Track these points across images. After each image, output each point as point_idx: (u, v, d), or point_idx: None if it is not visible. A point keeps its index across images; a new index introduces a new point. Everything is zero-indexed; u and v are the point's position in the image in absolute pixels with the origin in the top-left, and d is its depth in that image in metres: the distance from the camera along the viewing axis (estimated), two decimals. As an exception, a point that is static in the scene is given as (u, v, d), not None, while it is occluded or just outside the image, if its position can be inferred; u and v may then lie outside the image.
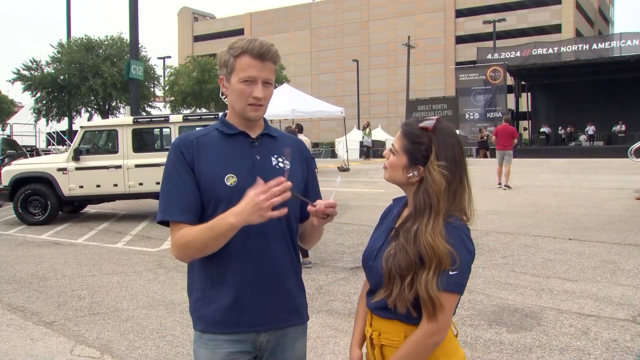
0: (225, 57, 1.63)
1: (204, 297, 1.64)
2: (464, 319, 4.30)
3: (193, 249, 1.55)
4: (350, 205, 10.75)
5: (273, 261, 1.64)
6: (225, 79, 1.65)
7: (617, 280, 5.25)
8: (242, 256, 1.60)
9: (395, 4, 57.52)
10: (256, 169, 1.62)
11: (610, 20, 68.74)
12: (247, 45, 1.59)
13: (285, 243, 1.68)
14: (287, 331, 1.69)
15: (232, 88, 1.63)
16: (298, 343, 1.73)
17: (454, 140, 1.57)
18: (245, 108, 1.63)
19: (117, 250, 7.63)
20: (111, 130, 10.21)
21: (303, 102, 20.61)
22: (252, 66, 1.59)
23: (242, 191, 1.54)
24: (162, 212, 1.61)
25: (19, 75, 26.73)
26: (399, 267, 1.49)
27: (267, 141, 1.71)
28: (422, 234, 1.47)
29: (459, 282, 1.47)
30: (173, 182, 1.61)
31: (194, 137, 1.67)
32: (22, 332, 4.40)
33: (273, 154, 1.69)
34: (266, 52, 1.60)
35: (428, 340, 1.48)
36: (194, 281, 1.68)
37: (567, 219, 8.49)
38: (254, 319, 1.62)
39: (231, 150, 1.65)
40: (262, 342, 1.65)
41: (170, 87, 33.95)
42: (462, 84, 31.08)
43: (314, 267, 6.14)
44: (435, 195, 1.50)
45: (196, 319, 1.67)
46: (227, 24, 68.01)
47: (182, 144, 1.65)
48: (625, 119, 27.81)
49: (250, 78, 1.60)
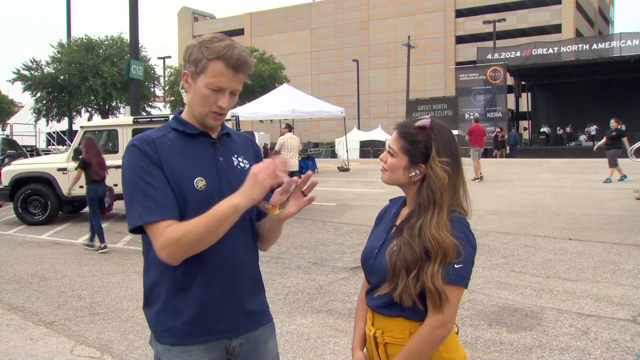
0: (198, 56, 1.52)
1: (168, 308, 1.55)
2: (464, 319, 4.30)
3: (187, 244, 1.43)
4: (350, 205, 10.75)
5: (237, 264, 1.59)
6: (191, 76, 1.55)
7: (617, 280, 5.25)
8: (205, 261, 1.53)
9: (395, 4, 57.51)
10: (221, 171, 1.58)
11: (610, 20, 68.73)
12: (223, 51, 1.49)
13: (247, 245, 1.63)
14: (256, 333, 1.66)
15: (196, 89, 1.54)
16: (270, 343, 1.71)
17: (450, 136, 1.62)
18: (208, 115, 1.55)
19: (117, 250, 7.63)
20: (111, 130, 10.21)
21: (303, 102, 20.63)
22: (224, 75, 1.50)
23: (211, 195, 1.51)
24: (141, 214, 1.46)
25: (19, 75, 26.76)
26: (405, 261, 1.51)
27: (226, 141, 1.65)
28: (427, 229, 1.51)
29: (464, 275, 1.50)
30: (146, 182, 1.48)
31: (154, 137, 1.55)
32: (22, 332, 4.40)
33: (233, 154, 1.64)
34: (242, 64, 1.52)
35: (434, 334, 1.50)
36: (154, 291, 1.59)
37: (567, 219, 8.49)
38: (225, 325, 1.58)
39: (194, 152, 1.56)
40: (235, 347, 1.62)
41: (170, 87, 33.98)
42: (462, 84, 31.08)
43: (314, 267, 6.13)
44: (438, 191, 1.54)
45: (162, 332, 1.57)
46: (227, 24, 67.98)
47: (143, 144, 1.52)
48: (625, 119, 27.76)
49: (220, 87, 1.52)
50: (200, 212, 1.46)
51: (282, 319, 4.40)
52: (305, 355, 3.75)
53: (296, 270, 5.97)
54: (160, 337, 1.58)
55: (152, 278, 1.59)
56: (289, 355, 3.71)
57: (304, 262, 6.37)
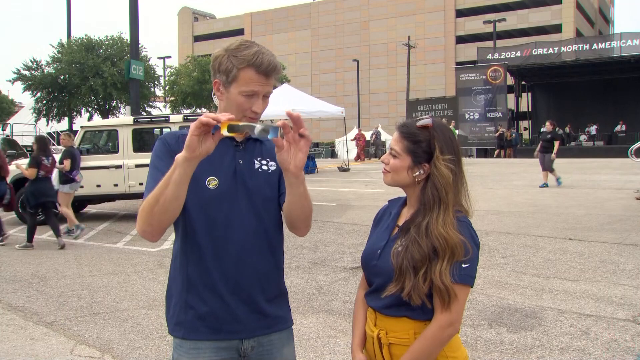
0: (228, 65, 1.56)
1: (181, 302, 1.60)
2: (464, 319, 4.30)
3: (147, 211, 1.44)
4: (351, 205, 10.75)
5: (244, 266, 1.59)
6: (223, 85, 1.59)
7: (617, 280, 5.25)
8: (209, 261, 1.56)
9: (396, 4, 57.50)
10: (239, 173, 1.60)
11: (610, 20, 68.71)
12: (253, 59, 1.53)
13: (260, 250, 1.62)
14: (271, 337, 1.65)
15: (230, 97, 1.58)
16: (285, 349, 1.70)
17: (451, 134, 1.63)
18: (242, 120, 1.57)
19: (118, 250, 7.63)
20: (111, 130, 10.21)
21: (303, 102, 20.62)
22: (256, 81, 1.55)
23: (222, 195, 1.54)
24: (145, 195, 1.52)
25: (19, 75, 26.75)
26: (413, 260, 1.51)
27: (251, 145, 1.67)
28: (434, 227, 1.52)
29: (470, 275, 1.52)
30: (155, 167, 1.55)
31: (181, 134, 1.61)
32: (22, 332, 4.40)
33: (256, 157, 1.66)
34: (272, 69, 1.56)
35: (442, 333, 1.50)
36: (172, 285, 1.64)
37: (567, 219, 8.49)
38: (235, 325, 1.58)
39: (215, 153, 1.54)
40: (247, 349, 1.61)
41: (170, 87, 33.97)
42: (462, 84, 31.07)
43: (314, 267, 6.13)
44: (443, 189, 1.55)
45: (174, 325, 1.61)
46: (227, 24, 68.01)
47: (169, 138, 1.62)
48: (625, 119, 27.80)
49: (254, 93, 1.56)
50: (209, 210, 1.51)
51: (282, 319, 4.40)
52: (305, 355, 3.75)
53: (296, 270, 5.97)
54: (173, 330, 1.62)
55: (171, 272, 1.65)
56: (289, 355, 3.71)
57: (304, 262, 6.37)
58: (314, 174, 19.41)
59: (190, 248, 1.58)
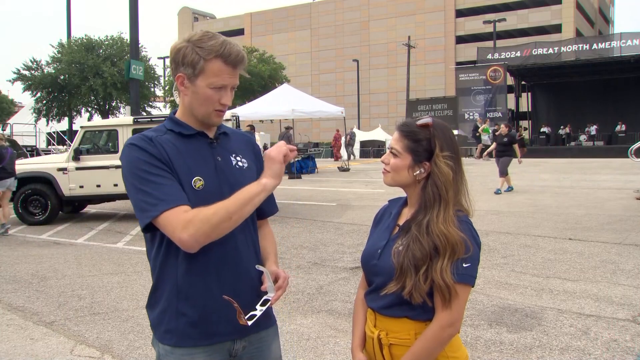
0: (193, 57, 1.49)
1: (170, 309, 1.54)
2: (464, 319, 4.29)
3: (215, 223, 1.40)
4: (351, 205, 10.75)
5: (239, 266, 1.58)
6: (188, 79, 1.52)
7: (617, 280, 5.25)
8: (206, 264, 1.53)
9: (395, 4, 57.52)
10: (220, 171, 1.57)
11: (610, 20, 68.73)
12: (221, 49, 1.48)
13: (249, 247, 1.62)
14: (261, 335, 1.66)
15: (197, 91, 1.52)
16: (273, 345, 1.71)
17: (451, 133, 1.64)
18: (211, 114, 1.55)
19: (117, 250, 7.63)
20: (111, 130, 10.21)
21: (303, 102, 20.64)
22: (225, 73, 1.50)
23: (209, 195, 1.49)
24: (155, 205, 1.42)
25: (19, 75, 26.77)
26: (414, 258, 1.51)
27: (224, 140, 1.64)
28: (435, 225, 1.52)
29: (471, 274, 1.51)
30: (152, 173, 1.45)
31: (150, 136, 1.53)
32: (22, 332, 4.40)
33: (231, 153, 1.63)
34: (241, 60, 1.52)
35: (443, 333, 1.50)
36: (156, 292, 1.59)
37: (567, 219, 8.49)
38: (229, 327, 1.56)
39: (192, 152, 1.55)
40: (238, 349, 1.61)
41: (170, 87, 33.97)
42: (462, 84, 31.07)
43: (314, 267, 6.13)
44: (444, 187, 1.55)
45: (164, 332, 1.55)
46: (227, 24, 67.99)
47: (141, 142, 1.50)
48: (625, 119, 27.79)
49: (222, 85, 1.51)
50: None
51: (282, 319, 4.40)
52: (305, 355, 3.75)
53: (296, 270, 5.97)
54: (163, 338, 1.56)
55: (155, 279, 1.59)
56: (289, 355, 3.71)
57: (304, 262, 6.37)
58: (314, 174, 19.41)
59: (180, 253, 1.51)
